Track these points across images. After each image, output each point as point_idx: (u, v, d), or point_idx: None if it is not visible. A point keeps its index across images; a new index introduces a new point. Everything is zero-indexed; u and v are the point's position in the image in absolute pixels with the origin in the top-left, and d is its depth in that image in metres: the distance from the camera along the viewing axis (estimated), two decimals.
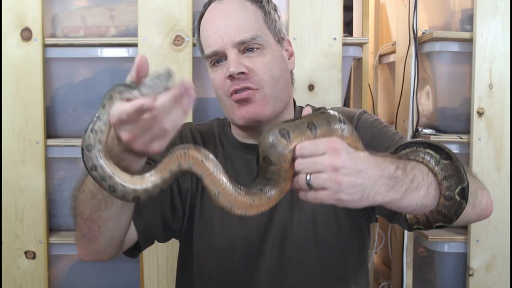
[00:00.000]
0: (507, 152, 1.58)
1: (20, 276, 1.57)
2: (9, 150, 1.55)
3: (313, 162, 0.71)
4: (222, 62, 1.04)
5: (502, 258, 1.60)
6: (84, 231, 0.90)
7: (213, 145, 1.12)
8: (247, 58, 1.02)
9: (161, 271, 1.55)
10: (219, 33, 1.02)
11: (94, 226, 0.88)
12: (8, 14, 1.52)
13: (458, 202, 0.82)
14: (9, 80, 1.54)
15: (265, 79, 1.02)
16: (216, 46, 1.02)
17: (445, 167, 0.82)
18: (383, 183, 0.74)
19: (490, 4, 1.57)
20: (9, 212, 1.56)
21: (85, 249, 0.95)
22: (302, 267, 1.04)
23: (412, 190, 0.78)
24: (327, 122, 0.74)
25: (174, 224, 1.08)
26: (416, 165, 0.82)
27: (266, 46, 1.04)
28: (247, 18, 1.05)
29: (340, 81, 1.54)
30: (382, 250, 2.06)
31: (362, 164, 0.72)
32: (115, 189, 0.73)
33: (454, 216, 0.84)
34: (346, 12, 1.61)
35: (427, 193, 0.80)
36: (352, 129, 0.77)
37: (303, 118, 0.75)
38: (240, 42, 1.02)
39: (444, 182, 0.82)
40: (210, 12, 1.07)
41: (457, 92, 1.68)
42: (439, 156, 0.82)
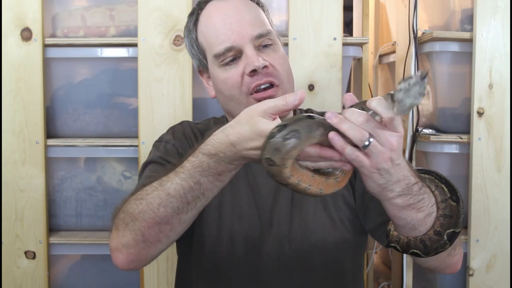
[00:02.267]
0: (507, 152, 1.58)
1: (20, 276, 1.57)
2: (9, 150, 1.55)
3: (382, 130, 0.72)
4: (236, 60, 1.02)
5: (502, 258, 1.60)
6: (148, 236, 0.85)
7: None
8: (264, 54, 1.02)
9: (161, 271, 1.55)
10: (234, 29, 1.01)
11: (167, 229, 0.85)
12: (8, 14, 1.53)
13: (443, 241, 0.85)
14: (9, 80, 1.54)
15: (283, 74, 1.03)
16: (231, 42, 1.00)
17: (449, 207, 0.86)
18: (401, 186, 0.78)
19: (490, 4, 1.57)
20: (9, 212, 1.56)
21: (135, 255, 0.88)
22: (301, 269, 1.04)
23: (414, 208, 0.81)
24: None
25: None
26: (428, 191, 0.85)
27: (276, 42, 1.06)
28: (257, 14, 1.05)
29: (340, 81, 1.54)
30: (382, 250, 2.06)
31: (402, 160, 0.77)
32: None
33: (433, 251, 0.87)
34: (346, 12, 1.61)
35: (423, 219, 0.83)
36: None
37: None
38: (258, 35, 1.01)
39: (441, 219, 0.85)
40: (214, 11, 1.05)
41: (457, 92, 1.68)
42: (449, 196, 0.86)
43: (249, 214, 1.05)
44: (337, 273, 1.06)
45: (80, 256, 1.67)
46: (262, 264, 1.04)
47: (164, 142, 1.11)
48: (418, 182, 0.81)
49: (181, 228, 0.87)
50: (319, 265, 1.04)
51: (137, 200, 0.86)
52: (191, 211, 0.84)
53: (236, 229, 1.05)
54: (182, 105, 1.53)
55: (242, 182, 1.07)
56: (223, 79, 1.04)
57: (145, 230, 0.85)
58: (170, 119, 1.53)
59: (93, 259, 1.65)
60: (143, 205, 0.85)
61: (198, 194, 0.83)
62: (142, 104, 1.53)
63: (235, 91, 1.02)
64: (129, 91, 1.59)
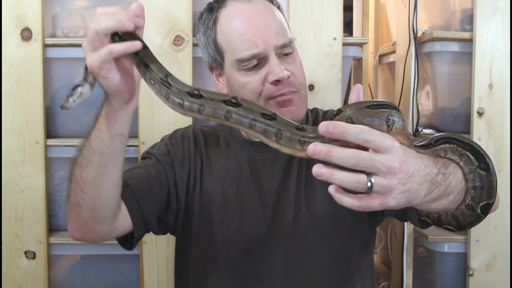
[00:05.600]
0: (507, 152, 1.58)
1: (20, 276, 1.57)
2: (9, 150, 1.55)
3: (379, 161, 0.63)
4: (258, 67, 1.03)
5: (502, 258, 1.60)
6: (71, 198, 0.90)
7: (215, 143, 1.14)
8: (285, 62, 1.04)
9: (161, 271, 1.55)
10: (260, 36, 1.01)
11: (78, 189, 0.88)
12: (8, 14, 1.52)
13: (477, 214, 0.79)
14: (9, 80, 1.54)
15: (301, 82, 1.06)
16: (258, 49, 1.01)
17: (479, 178, 0.78)
18: (424, 188, 0.70)
19: (490, 4, 1.57)
20: (9, 212, 1.56)
21: (73, 222, 0.94)
22: (306, 266, 1.04)
23: (443, 196, 0.75)
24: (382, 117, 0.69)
25: (168, 217, 1.09)
26: (453, 169, 0.77)
27: (295, 49, 1.08)
28: (281, 21, 1.07)
29: (340, 81, 1.54)
30: (382, 250, 2.06)
31: (413, 166, 0.67)
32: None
33: (467, 226, 0.81)
34: (346, 12, 1.61)
35: (454, 199, 0.78)
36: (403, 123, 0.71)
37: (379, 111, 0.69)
38: (282, 45, 1.03)
39: (472, 192, 0.79)
40: (237, 13, 1.04)
41: (457, 92, 1.68)
42: (477, 164, 0.78)
43: (253, 211, 1.06)
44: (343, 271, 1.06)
45: (80, 256, 1.67)
46: (266, 261, 1.04)
47: (161, 141, 1.17)
48: (441, 167, 0.74)
49: (89, 189, 0.88)
50: (323, 262, 1.04)
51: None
52: (88, 168, 0.86)
53: (240, 226, 1.06)
54: None
55: (246, 179, 1.08)
56: (242, 83, 1.04)
57: (69, 192, 0.91)
58: (170, 119, 1.53)
59: (93, 259, 1.65)
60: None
61: (91, 146, 0.86)
62: (142, 104, 1.53)
63: (253, 95, 1.04)
64: None
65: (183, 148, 1.12)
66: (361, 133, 0.63)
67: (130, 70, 0.83)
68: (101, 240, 0.98)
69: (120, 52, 0.76)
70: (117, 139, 0.86)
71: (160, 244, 1.55)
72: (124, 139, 0.87)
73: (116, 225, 0.97)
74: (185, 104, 0.79)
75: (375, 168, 0.63)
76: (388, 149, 0.64)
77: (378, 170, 0.63)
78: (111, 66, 0.78)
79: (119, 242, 1.06)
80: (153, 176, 1.06)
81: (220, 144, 1.13)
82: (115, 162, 0.88)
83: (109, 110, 0.84)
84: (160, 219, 1.07)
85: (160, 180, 1.07)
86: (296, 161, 1.08)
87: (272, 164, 1.09)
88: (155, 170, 1.07)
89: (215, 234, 1.07)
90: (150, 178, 1.05)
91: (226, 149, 1.12)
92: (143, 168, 1.07)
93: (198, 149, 1.13)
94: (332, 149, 0.63)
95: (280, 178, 1.07)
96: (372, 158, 0.63)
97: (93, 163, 0.86)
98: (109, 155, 0.86)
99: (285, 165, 1.08)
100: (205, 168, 1.10)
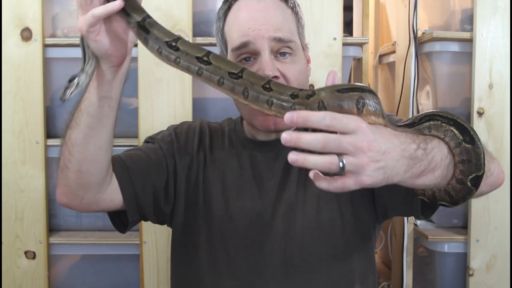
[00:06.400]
0: (507, 152, 1.58)
1: (20, 276, 1.57)
2: (9, 150, 1.55)
3: (346, 142, 0.66)
4: (250, 61, 1.02)
5: (502, 258, 1.60)
6: (60, 160, 0.92)
7: (220, 140, 1.14)
8: (279, 62, 1.01)
9: (161, 271, 1.56)
10: (257, 26, 1.00)
11: (66, 151, 0.90)
12: (8, 14, 1.53)
13: (468, 188, 0.80)
14: (9, 80, 1.54)
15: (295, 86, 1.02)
16: (249, 38, 1.00)
17: (465, 151, 0.78)
18: (403, 164, 0.72)
19: (490, 4, 1.57)
20: (9, 212, 1.56)
21: (61, 186, 0.94)
22: (306, 264, 1.04)
23: (428, 171, 0.76)
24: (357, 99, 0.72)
25: (165, 207, 1.09)
26: (437, 144, 0.78)
27: (297, 53, 1.04)
28: (286, 19, 1.04)
29: (340, 81, 1.53)
30: (382, 250, 2.06)
31: (385, 144, 0.69)
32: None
33: (461, 200, 0.82)
34: (346, 12, 1.61)
35: (441, 174, 0.78)
36: (377, 104, 0.73)
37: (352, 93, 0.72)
38: (277, 38, 1.00)
39: (460, 166, 0.79)
40: (245, 6, 1.04)
41: (457, 92, 1.68)
42: (462, 138, 0.78)
43: (253, 209, 1.06)
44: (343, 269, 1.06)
45: (80, 256, 1.67)
46: (264, 259, 1.04)
47: (167, 130, 1.17)
48: (420, 142, 0.75)
49: (76, 151, 0.89)
50: (323, 261, 1.04)
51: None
52: (76, 129, 0.88)
53: (240, 223, 1.06)
54: (182, 105, 1.53)
55: (247, 178, 1.08)
56: None
57: (59, 154, 0.92)
58: (170, 119, 1.53)
59: (93, 259, 1.65)
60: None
61: (80, 108, 0.88)
62: (142, 104, 1.53)
63: None
64: (129, 91, 1.59)
65: (187, 141, 1.13)
66: (323, 119, 0.66)
67: (121, 34, 0.84)
68: (87, 208, 0.98)
69: (102, 14, 0.77)
70: (105, 101, 0.87)
71: (160, 244, 1.55)
72: (112, 103, 0.88)
73: (103, 197, 0.97)
74: (163, 52, 0.82)
75: (343, 149, 0.66)
76: (355, 130, 0.67)
77: (347, 150, 0.66)
78: (100, 29, 0.79)
79: (111, 221, 1.07)
80: (153, 161, 1.06)
81: (225, 141, 1.14)
82: (102, 125, 0.89)
83: (99, 73, 0.86)
84: (157, 207, 1.08)
85: (159, 166, 1.07)
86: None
87: (273, 163, 1.09)
88: (156, 156, 1.07)
89: (214, 231, 1.07)
90: (149, 162, 1.05)
91: (229, 146, 1.13)
92: (144, 151, 1.07)
93: (202, 144, 1.13)
94: (300, 135, 0.66)
95: (281, 177, 1.07)
96: (339, 139, 0.66)
97: (81, 124, 0.88)
98: (96, 117, 0.88)
99: (285, 164, 1.08)
100: (208, 163, 1.11)
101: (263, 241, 1.05)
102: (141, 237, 1.55)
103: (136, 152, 1.07)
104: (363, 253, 1.09)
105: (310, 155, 0.67)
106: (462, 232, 1.64)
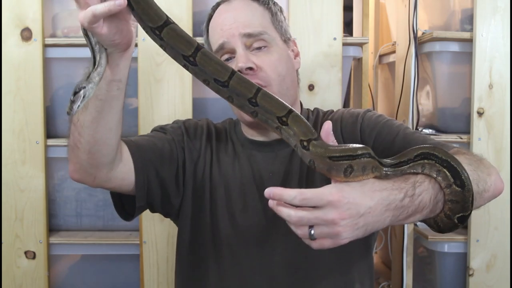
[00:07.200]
0: (507, 152, 1.58)
1: (20, 276, 1.57)
2: (9, 150, 1.55)
3: (314, 218, 0.73)
4: (231, 60, 1.06)
5: (502, 258, 1.60)
6: (70, 139, 0.93)
7: (224, 140, 1.16)
8: (254, 56, 1.05)
9: (161, 271, 1.56)
10: (227, 26, 1.06)
11: (75, 132, 0.91)
12: (8, 14, 1.52)
13: (454, 223, 0.84)
14: (9, 80, 1.54)
15: (272, 77, 1.05)
16: (223, 39, 1.05)
17: (455, 193, 0.82)
18: (388, 216, 0.77)
19: (490, 4, 1.57)
20: (9, 212, 1.56)
21: (72, 163, 0.96)
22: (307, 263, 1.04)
23: (416, 213, 0.80)
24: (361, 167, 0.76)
25: (175, 198, 1.09)
26: (427, 186, 0.81)
27: (273, 44, 1.08)
28: (255, 16, 1.08)
29: (340, 81, 1.54)
30: (382, 250, 2.06)
31: (365, 207, 0.74)
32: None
33: (446, 231, 0.86)
34: (346, 12, 1.61)
35: (429, 211, 0.82)
36: (367, 164, 0.77)
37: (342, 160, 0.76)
38: (247, 34, 1.05)
39: (449, 204, 0.83)
40: (218, 13, 1.11)
41: (457, 92, 1.68)
42: (453, 181, 0.82)
43: (254, 208, 1.06)
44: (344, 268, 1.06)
45: (80, 256, 1.67)
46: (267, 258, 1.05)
47: (175, 123, 1.18)
48: (408, 190, 0.79)
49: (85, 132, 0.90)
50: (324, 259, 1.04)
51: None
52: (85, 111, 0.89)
53: (242, 222, 1.06)
54: (182, 105, 1.53)
55: (248, 178, 1.09)
56: None
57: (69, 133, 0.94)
58: (170, 119, 1.52)
59: (93, 259, 1.65)
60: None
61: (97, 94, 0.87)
62: (142, 104, 1.53)
63: None
64: (129, 91, 1.57)
65: (196, 135, 1.14)
66: (294, 198, 0.73)
67: (125, 18, 0.82)
68: (99, 185, 0.98)
69: (103, 14, 0.75)
70: (114, 85, 0.87)
71: (160, 244, 1.55)
72: (121, 85, 0.88)
73: (115, 175, 0.98)
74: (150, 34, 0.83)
75: (315, 223, 0.73)
76: (324, 205, 0.72)
77: (319, 224, 0.73)
78: (102, 23, 0.78)
79: (116, 208, 1.07)
80: (166, 150, 1.07)
81: (228, 142, 1.15)
82: (111, 108, 0.89)
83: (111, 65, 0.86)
84: (166, 196, 1.08)
85: (172, 158, 1.08)
86: (297, 160, 1.08)
87: (273, 163, 1.09)
88: (169, 146, 1.08)
89: (219, 229, 1.07)
90: (163, 151, 1.07)
91: (231, 146, 1.14)
92: (159, 140, 1.08)
93: (209, 141, 1.14)
94: (278, 207, 0.75)
95: (281, 177, 1.08)
96: (309, 217, 0.73)
97: (89, 108, 0.88)
98: (105, 101, 0.88)
99: (286, 164, 1.09)
100: (214, 163, 1.12)
101: (265, 241, 1.05)
102: (141, 237, 1.55)
103: (151, 139, 1.08)
104: (362, 252, 1.09)
105: (286, 216, 0.75)
106: (462, 232, 1.64)
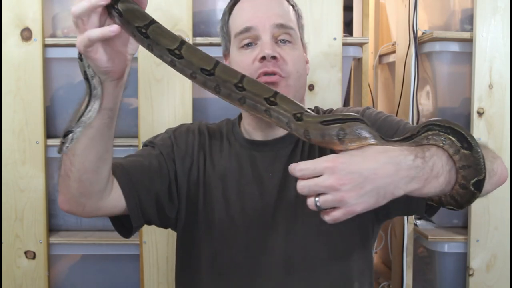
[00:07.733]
0: (507, 152, 1.58)
1: (20, 276, 1.57)
2: (9, 150, 1.55)
3: (314, 185, 0.73)
4: (252, 46, 1.06)
5: (502, 258, 1.60)
6: (61, 169, 0.92)
7: (219, 142, 1.15)
8: (279, 47, 1.06)
9: (161, 271, 1.56)
10: (261, 13, 1.06)
11: (67, 160, 0.90)
12: (8, 14, 1.53)
13: (471, 192, 0.82)
14: (9, 80, 1.54)
15: (292, 71, 1.06)
16: (252, 24, 1.05)
17: (465, 157, 0.80)
18: (403, 176, 0.75)
19: (490, 4, 1.57)
20: (9, 212, 1.56)
21: (63, 194, 0.95)
22: (306, 263, 1.04)
23: (432, 179, 0.79)
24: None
25: (170, 212, 1.09)
26: (435, 151, 0.80)
27: (297, 42, 1.09)
28: (287, 11, 1.10)
29: (340, 81, 1.54)
30: (382, 250, 2.06)
31: (368, 169, 0.74)
32: None
33: (466, 203, 0.85)
34: (346, 12, 1.61)
35: (445, 180, 0.81)
36: (361, 130, 0.77)
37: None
38: (279, 24, 1.06)
39: (461, 171, 0.81)
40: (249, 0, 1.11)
41: (457, 92, 1.68)
42: (460, 145, 0.80)
43: (254, 209, 1.06)
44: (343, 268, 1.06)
45: (80, 256, 1.67)
46: (265, 258, 1.04)
47: (165, 133, 1.17)
48: (417, 152, 0.78)
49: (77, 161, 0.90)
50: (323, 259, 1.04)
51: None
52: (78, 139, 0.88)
53: (241, 223, 1.06)
54: (182, 105, 1.53)
55: (247, 178, 1.09)
56: (237, 61, 1.08)
57: (60, 164, 0.93)
58: (170, 119, 1.53)
59: (93, 259, 1.65)
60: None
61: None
62: (142, 104, 1.53)
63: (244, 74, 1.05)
64: (129, 91, 1.57)
65: (187, 143, 1.13)
66: (294, 170, 0.75)
67: (120, 48, 0.84)
68: (89, 215, 0.98)
69: (98, 38, 0.77)
70: (104, 113, 0.87)
71: (160, 244, 1.55)
72: (112, 114, 0.89)
73: (105, 203, 0.98)
74: (136, 35, 0.81)
75: (317, 192, 0.74)
76: (322, 171, 0.73)
77: (322, 191, 0.74)
78: (97, 48, 0.79)
79: (115, 227, 1.07)
80: (154, 167, 1.07)
81: (223, 142, 1.14)
82: (102, 136, 0.90)
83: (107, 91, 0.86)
84: (161, 212, 1.08)
85: (161, 172, 1.07)
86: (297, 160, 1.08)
87: (273, 162, 1.09)
88: (157, 162, 1.08)
89: (216, 231, 1.07)
90: (151, 168, 1.06)
91: (228, 147, 1.13)
92: (145, 157, 1.08)
93: (202, 145, 1.13)
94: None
95: (281, 177, 1.08)
96: (309, 184, 0.74)
97: (81, 135, 0.88)
98: (96, 128, 0.88)
99: (285, 163, 1.08)
100: (208, 165, 1.11)
101: (264, 241, 1.05)
102: (141, 237, 1.55)
103: (138, 158, 1.07)
104: (362, 252, 1.09)
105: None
106: (462, 232, 1.64)
